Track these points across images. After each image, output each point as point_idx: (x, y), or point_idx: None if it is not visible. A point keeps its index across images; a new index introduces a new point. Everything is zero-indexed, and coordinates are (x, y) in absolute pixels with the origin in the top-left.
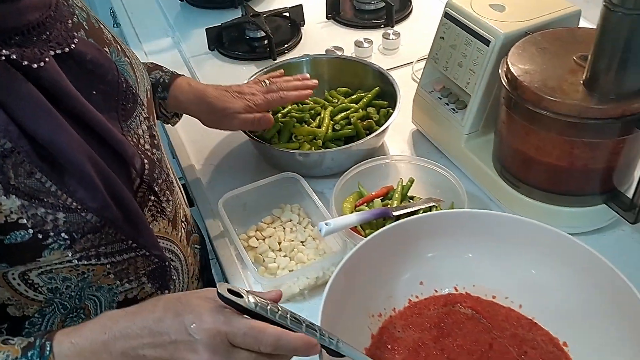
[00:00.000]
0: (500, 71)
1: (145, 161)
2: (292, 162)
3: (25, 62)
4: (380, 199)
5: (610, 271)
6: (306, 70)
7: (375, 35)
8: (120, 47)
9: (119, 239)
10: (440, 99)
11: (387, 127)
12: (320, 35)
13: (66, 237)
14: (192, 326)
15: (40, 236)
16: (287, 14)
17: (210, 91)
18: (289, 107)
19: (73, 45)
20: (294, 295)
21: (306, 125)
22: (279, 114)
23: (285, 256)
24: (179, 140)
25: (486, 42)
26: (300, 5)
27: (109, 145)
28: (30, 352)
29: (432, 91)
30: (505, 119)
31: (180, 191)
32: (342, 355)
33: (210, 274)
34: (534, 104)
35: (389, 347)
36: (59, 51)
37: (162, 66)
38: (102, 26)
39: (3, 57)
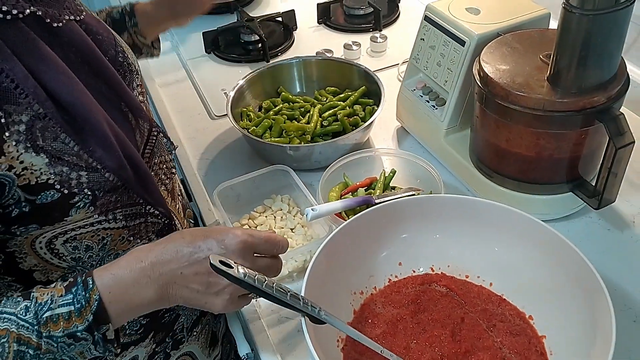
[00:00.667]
0: (473, 69)
1: (148, 123)
2: (283, 155)
3: (48, 20)
4: (364, 189)
5: (572, 251)
6: (296, 70)
7: (364, 38)
8: (114, 35)
9: (132, 201)
10: (422, 96)
11: (371, 123)
12: (312, 39)
13: (89, 193)
14: (223, 240)
15: (66, 193)
16: (280, 19)
17: None
18: (280, 105)
19: (82, 16)
20: (284, 277)
21: (296, 122)
22: (271, 112)
23: None
24: (176, 136)
25: (462, 42)
26: (293, 11)
27: (118, 108)
28: (73, 288)
29: (414, 89)
30: (479, 113)
31: (175, 168)
32: (323, 323)
33: None
34: (503, 99)
35: (370, 321)
36: (72, 17)
37: (111, 7)
38: (101, 20)
39: (28, 12)
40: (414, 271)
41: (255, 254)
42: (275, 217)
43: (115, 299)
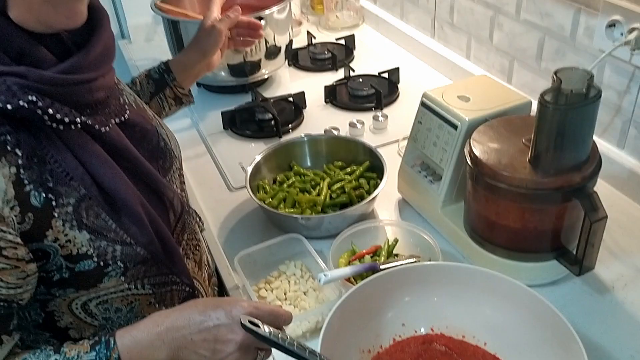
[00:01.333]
0: (465, 150)
1: (180, 205)
2: (296, 225)
3: (97, 126)
4: (370, 256)
5: (554, 313)
6: (307, 147)
7: (367, 117)
8: (159, 121)
9: (160, 272)
10: (420, 172)
11: (375, 196)
12: (320, 117)
13: (121, 265)
14: (231, 311)
15: (102, 264)
16: (291, 99)
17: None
18: (293, 178)
19: (127, 115)
20: (298, 337)
21: (307, 194)
22: (285, 184)
23: (290, 304)
24: (198, 207)
25: (454, 126)
26: (303, 92)
27: (154, 192)
28: (97, 347)
29: (414, 166)
30: (471, 189)
31: (203, 240)
32: None
33: None
34: (491, 178)
35: None
36: (117, 120)
37: (147, 70)
38: (145, 107)
39: (79, 122)
40: (415, 331)
41: None
42: (289, 281)
43: (132, 359)
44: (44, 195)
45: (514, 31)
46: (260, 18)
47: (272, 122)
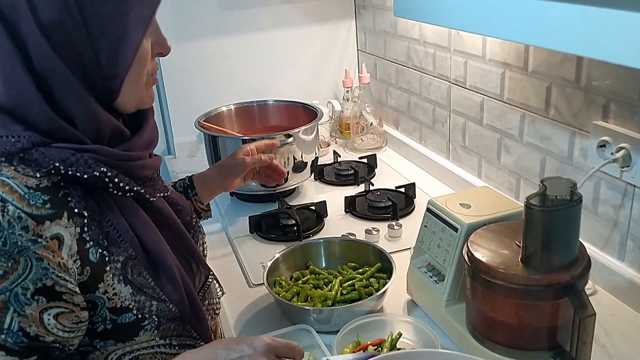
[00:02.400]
0: (463, 251)
1: (205, 272)
2: (307, 317)
3: (147, 196)
4: (374, 347)
5: None
6: (323, 248)
7: (383, 225)
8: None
9: (186, 332)
10: (426, 273)
11: (384, 292)
12: (339, 224)
13: (156, 319)
14: (253, 343)
15: (140, 317)
16: (313, 207)
17: (218, 162)
18: (308, 276)
19: (168, 193)
20: None
21: (320, 290)
22: (300, 281)
23: None
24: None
25: (455, 229)
26: (324, 201)
27: (185, 258)
28: None
29: (420, 267)
30: (469, 286)
31: (220, 310)
32: None
33: None
34: (486, 274)
35: None
36: (161, 195)
37: (174, 182)
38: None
39: (135, 190)
40: None
41: (277, 356)
42: None
43: None
44: (100, 251)
45: (518, 152)
46: (289, 136)
47: (295, 227)
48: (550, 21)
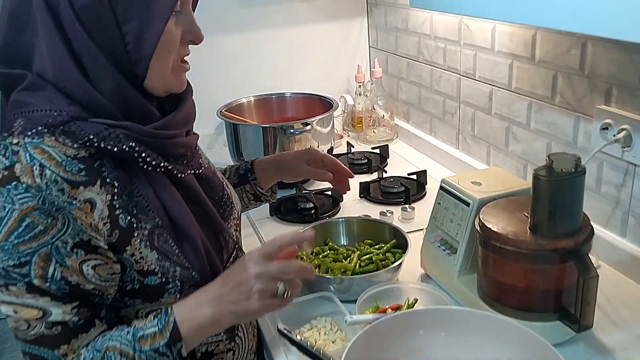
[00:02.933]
0: (475, 223)
1: (235, 247)
2: (327, 287)
3: (175, 172)
4: (392, 310)
5: (548, 349)
6: (342, 227)
7: (396, 209)
8: (226, 183)
9: None
10: (439, 247)
11: (400, 263)
12: (354, 208)
13: (179, 284)
14: (242, 259)
15: (164, 281)
16: (329, 192)
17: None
18: (328, 251)
19: (201, 170)
20: None
21: (339, 263)
22: (320, 255)
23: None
24: None
25: (467, 204)
26: None
27: (213, 231)
28: (159, 316)
29: (434, 242)
30: (481, 254)
31: None
32: None
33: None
34: (497, 241)
35: None
36: (193, 172)
37: (239, 163)
38: (217, 171)
39: (163, 166)
40: None
41: (268, 257)
42: (319, 332)
43: (185, 319)
44: (129, 218)
45: (525, 139)
46: (306, 124)
47: (312, 210)
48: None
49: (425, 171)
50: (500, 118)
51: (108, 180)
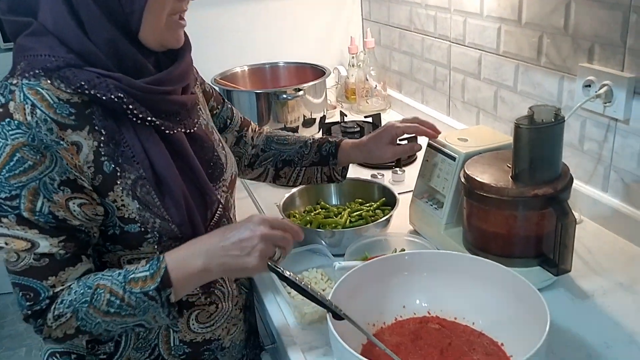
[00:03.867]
0: (461, 175)
1: (219, 207)
2: (319, 240)
3: (163, 128)
4: None
5: (532, 292)
6: (333, 187)
7: (387, 172)
8: (222, 144)
9: None
10: (427, 202)
11: (388, 219)
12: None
13: (157, 235)
14: (249, 219)
15: (143, 230)
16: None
17: (362, 140)
18: (319, 209)
19: (194, 130)
20: (314, 321)
21: (330, 219)
22: (312, 213)
23: None
24: None
25: (453, 158)
26: None
27: (198, 189)
28: (150, 261)
29: (422, 198)
30: (466, 205)
31: None
32: (342, 319)
33: (253, 315)
34: (480, 189)
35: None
36: (184, 130)
37: (329, 138)
38: (215, 131)
39: (151, 121)
40: (414, 313)
41: (271, 227)
42: (310, 282)
43: (176, 267)
44: (113, 166)
45: (513, 101)
46: (299, 90)
47: None
48: None
49: (415, 137)
50: (489, 83)
51: (96, 127)
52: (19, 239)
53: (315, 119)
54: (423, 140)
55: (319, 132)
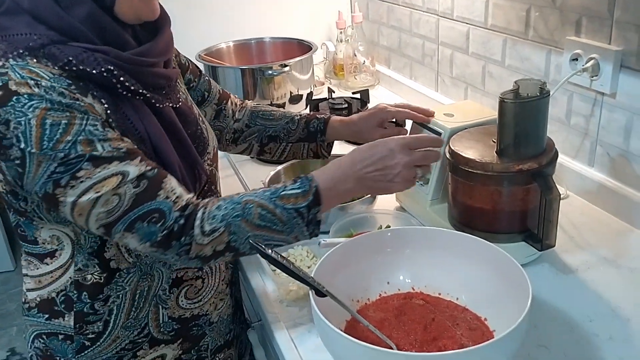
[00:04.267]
0: (446, 151)
1: (207, 181)
2: None
3: (153, 101)
4: None
5: (516, 267)
6: (319, 165)
7: None
8: (203, 119)
9: None
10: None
11: (374, 196)
12: (333, 148)
13: None
14: (388, 144)
15: None
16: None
17: (352, 119)
18: None
19: (179, 105)
20: (299, 298)
21: None
22: None
23: None
24: None
25: (439, 134)
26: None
27: (187, 162)
28: (299, 181)
29: None
30: (451, 181)
31: None
32: (325, 296)
33: (238, 290)
34: (465, 165)
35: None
36: (171, 105)
37: (317, 114)
38: (194, 105)
39: (142, 93)
40: (399, 289)
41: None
42: (295, 260)
43: (327, 188)
44: (119, 133)
45: (501, 76)
46: (285, 65)
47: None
48: None
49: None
50: (477, 57)
51: (96, 95)
52: (107, 179)
53: (302, 96)
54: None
55: (306, 108)
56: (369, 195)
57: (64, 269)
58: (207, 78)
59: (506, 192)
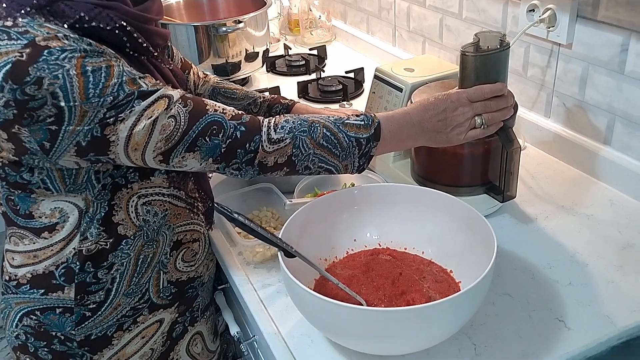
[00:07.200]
0: (407, 104)
1: None
2: (267, 179)
3: (160, 60)
4: None
5: (481, 220)
6: None
7: (335, 107)
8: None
9: (187, 187)
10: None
11: None
12: None
13: None
14: (451, 97)
15: None
16: (267, 93)
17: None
18: None
19: (171, 67)
20: (266, 260)
21: None
22: None
23: None
24: None
25: (400, 89)
26: (278, 86)
27: None
28: (362, 115)
29: None
30: None
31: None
32: (294, 256)
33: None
34: None
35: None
36: (168, 67)
37: (281, 98)
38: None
39: (153, 52)
40: (365, 246)
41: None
42: (261, 221)
43: (389, 129)
44: None
45: (458, 29)
46: (239, 22)
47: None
48: None
49: (362, 69)
50: (434, 10)
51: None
52: (157, 102)
53: (258, 53)
54: (369, 71)
55: (262, 66)
56: None
57: (67, 240)
58: (169, 44)
59: (467, 146)
